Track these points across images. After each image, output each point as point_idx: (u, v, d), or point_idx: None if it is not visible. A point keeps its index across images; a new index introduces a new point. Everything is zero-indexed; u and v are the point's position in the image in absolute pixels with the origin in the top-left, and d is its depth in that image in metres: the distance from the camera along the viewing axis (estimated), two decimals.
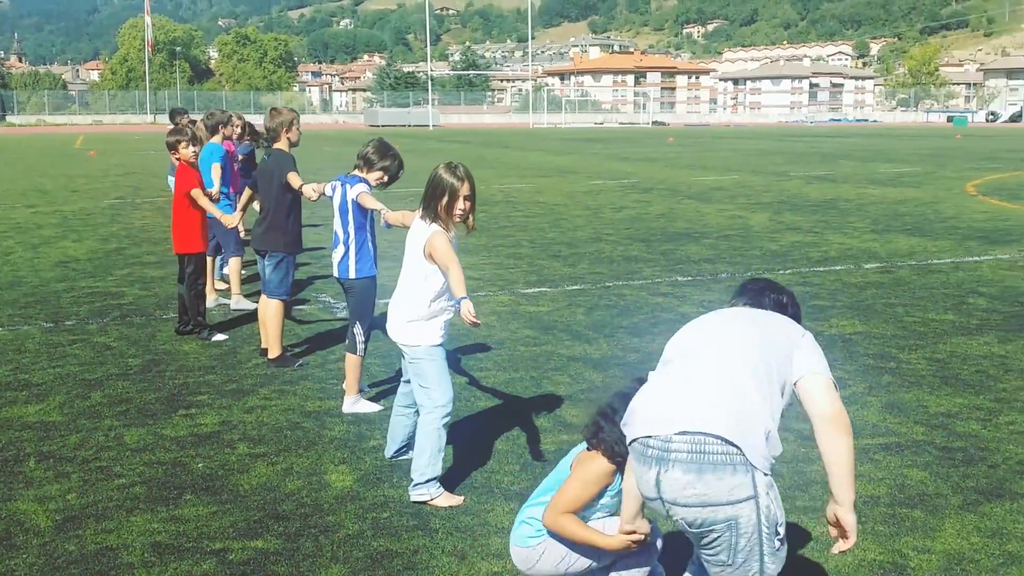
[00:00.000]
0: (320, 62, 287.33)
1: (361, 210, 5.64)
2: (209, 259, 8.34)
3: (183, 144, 7.40)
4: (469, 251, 11.33)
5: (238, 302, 8.52)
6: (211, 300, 8.36)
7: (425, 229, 4.44)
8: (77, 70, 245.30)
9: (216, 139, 8.63)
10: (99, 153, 36.35)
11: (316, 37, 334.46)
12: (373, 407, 5.78)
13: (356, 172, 5.74)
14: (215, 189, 8.16)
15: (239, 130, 9.35)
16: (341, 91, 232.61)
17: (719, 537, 2.70)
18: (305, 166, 7.95)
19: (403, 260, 4.61)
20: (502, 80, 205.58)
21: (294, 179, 6.44)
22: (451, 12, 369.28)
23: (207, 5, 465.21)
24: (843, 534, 2.81)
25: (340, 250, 5.76)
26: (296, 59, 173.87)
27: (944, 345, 7.12)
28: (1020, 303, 8.57)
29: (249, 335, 7.55)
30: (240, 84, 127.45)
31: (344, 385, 5.88)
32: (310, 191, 6.22)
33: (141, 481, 4.67)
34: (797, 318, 3.12)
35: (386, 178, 5.75)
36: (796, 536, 4.00)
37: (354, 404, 5.77)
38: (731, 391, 2.76)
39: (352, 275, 5.75)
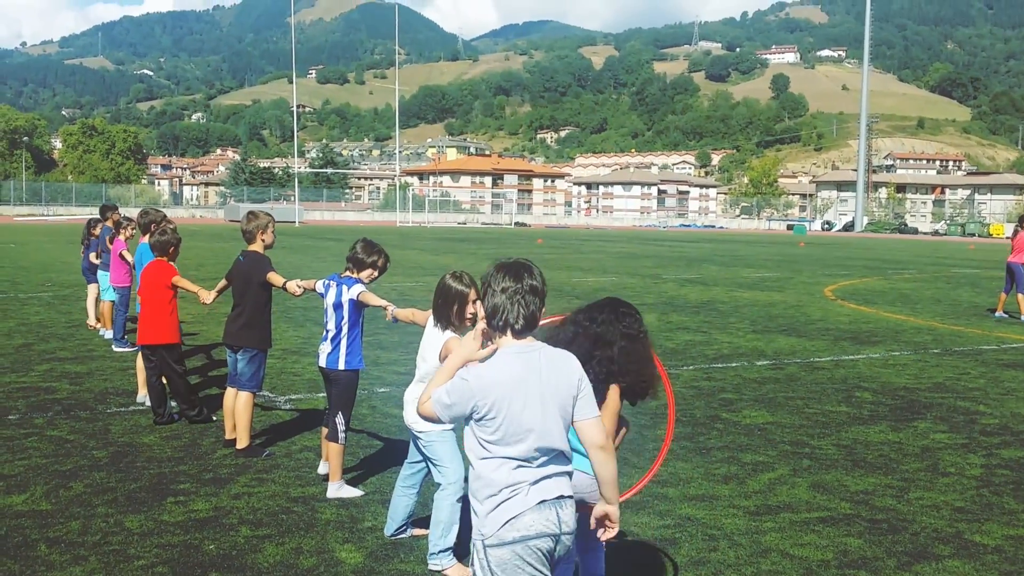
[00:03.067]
0: (170, 155, 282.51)
1: (357, 308, 6.11)
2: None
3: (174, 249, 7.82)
4: (386, 348, 11.80)
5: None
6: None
7: (440, 336, 4.99)
8: None
9: (146, 238, 8.93)
10: None
11: (167, 129, 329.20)
12: (356, 492, 6.17)
13: (348, 273, 6.21)
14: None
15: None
16: (192, 184, 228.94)
17: None
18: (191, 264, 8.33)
19: (416, 356, 5.14)
20: (360, 178, 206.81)
21: (276, 279, 6.85)
22: (308, 110, 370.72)
23: (49, 94, 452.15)
24: (610, 524, 3.53)
25: (330, 343, 6.18)
26: (145, 151, 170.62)
27: (846, 433, 8.03)
28: (900, 396, 9.65)
29: (201, 428, 7.78)
30: (86, 175, 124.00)
31: (319, 470, 6.29)
32: (295, 287, 6.62)
33: (161, 562, 4.94)
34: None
35: (376, 274, 6.26)
36: None
37: (338, 490, 6.14)
38: None
39: (341, 367, 6.17)
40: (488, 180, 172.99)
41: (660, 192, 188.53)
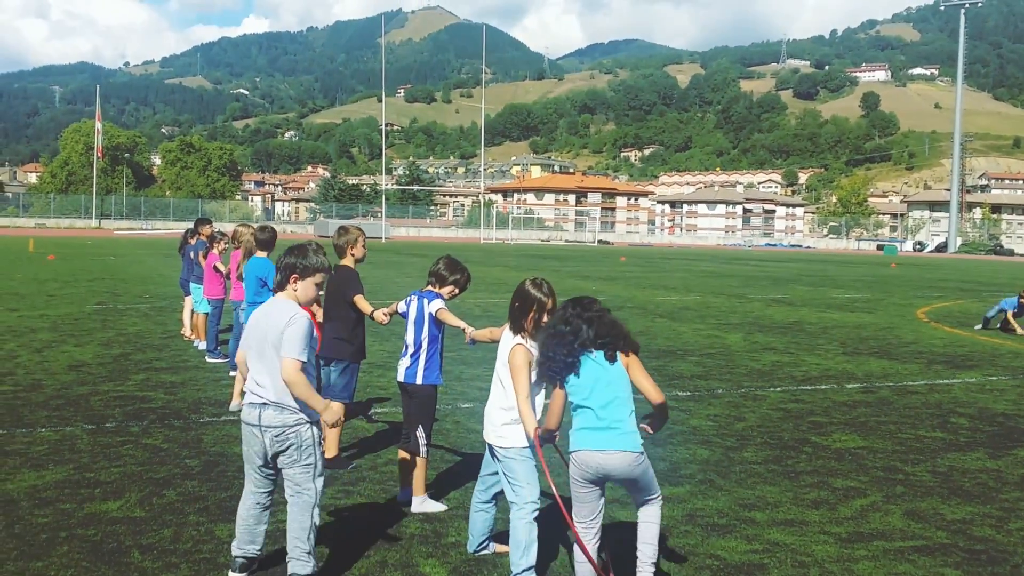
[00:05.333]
0: (263, 171, 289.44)
1: (436, 323, 6.15)
2: None
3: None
4: (470, 364, 11.85)
5: None
6: None
7: (511, 340, 5.01)
8: (15, 172, 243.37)
9: (264, 253, 9.18)
10: (57, 257, 36.29)
11: (260, 147, 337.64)
12: (440, 506, 6.19)
13: (429, 288, 6.27)
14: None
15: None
16: (284, 200, 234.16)
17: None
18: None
19: (495, 367, 5.14)
20: (444, 195, 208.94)
21: (364, 305, 6.93)
22: (396, 128, 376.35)
23: (150, 112, 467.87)
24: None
25: (409, 358, 6.23)
26: (240, 168, 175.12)
27: (942, 460, 7.77)
28: (998, 422, 9.31)
29: None
30: (183, 191, 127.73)
31: (399, 498, 6.32)
32: (382, 316, 6.67)
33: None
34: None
35: (457, 291, 6.31)
36: None
37: (422, 504, 6.17)
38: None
39: (419, 381, 6.20)
40: (572, 198, 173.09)
41: (745, 211, 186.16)
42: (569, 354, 4.54)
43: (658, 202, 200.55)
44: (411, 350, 6.22)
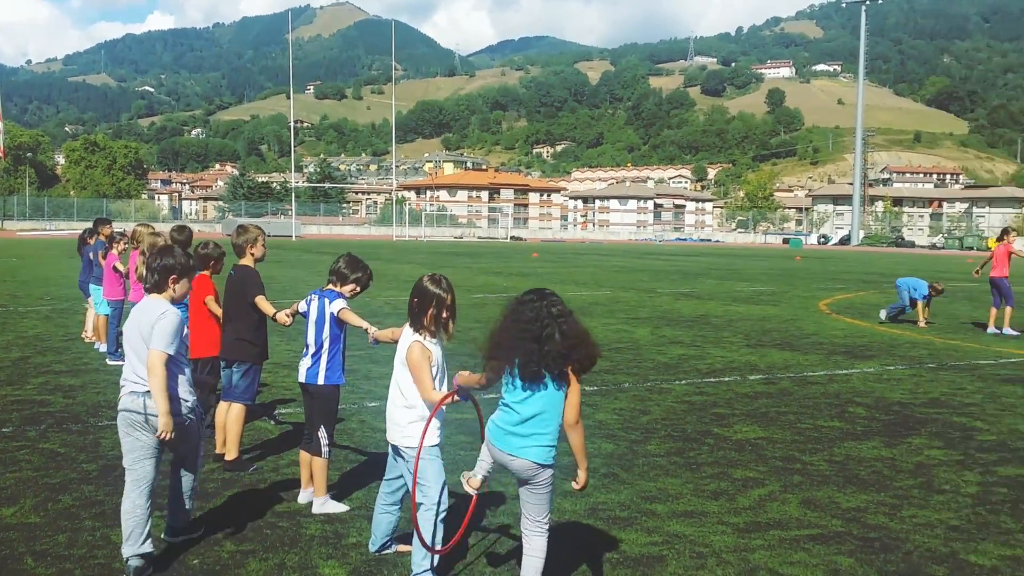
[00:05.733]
0: (170, 170, 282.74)
1: (338, 322, 6.06)
2: None
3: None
4: (378, 362, 11.74)
5: None
6: None
7: (409, 337, 4.97)
8: None
9: None
10: None
11: (167, 145, 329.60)
12: (342, 507, 6.10)
13: (330, 287, 6.17)
14: None
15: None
16: (191, 199, 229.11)
17: None
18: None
19: (394, 366, 5.08)
20: (357, 192, 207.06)
21: (266, 307, 6.79)
22: (306, 125, 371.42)
23: (54, 111, 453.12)
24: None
25: (310, 358, 6.12)
26: (146, 166, 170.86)
27: (839, 449, 7.95)
28: (894, 411, 9.58)
29: None
30: (87, 191, 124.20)
31: (300, 499, 6.21)
32: (284, 317, 6.55)
33: None
34: None
35: (359, 289, 6.22)
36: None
37: (323, 505, 6.07)
38: None
39: (321, 381, 6.10)
40: (484, 194, 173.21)
41: (656, 206, 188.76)
42: (530, 362, 4.29)
43: (570, 198, 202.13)
44: (312, 350, 6.12)
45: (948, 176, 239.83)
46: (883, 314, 18.44)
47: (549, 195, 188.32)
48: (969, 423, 9.07)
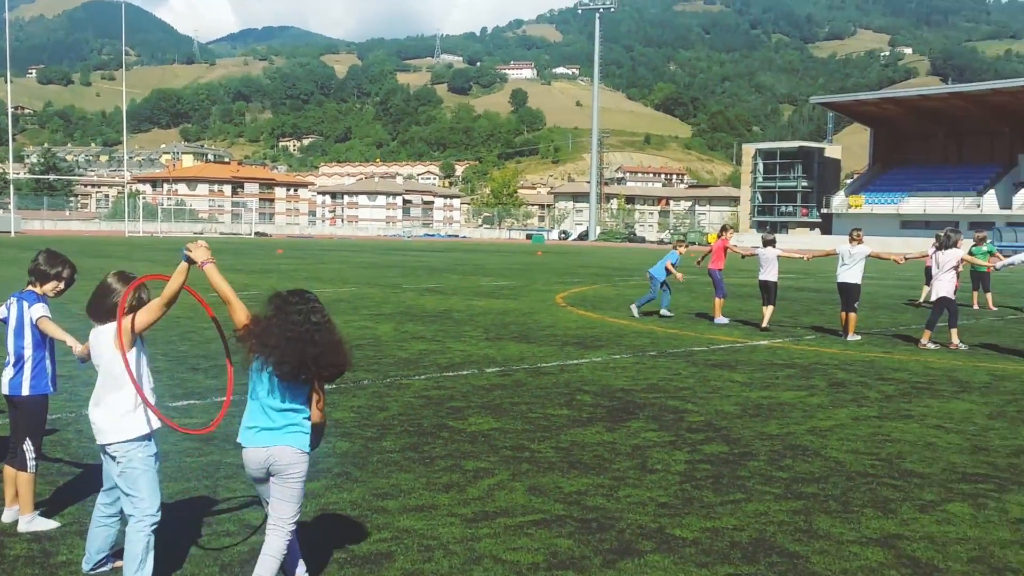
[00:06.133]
0: None
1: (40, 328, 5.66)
2: None
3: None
4: None
5: None
6: None
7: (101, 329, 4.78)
8: None
9: None
10: None
11: None
12: (51, 524, 5.70)
13: (30, 288, 5.75)
14: None
15: None
16: None
17: None
18: None
19: (98, 370, 4.83)
20: (86, 185, 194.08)
21: None
22: (27, 112, 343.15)
23: None
24: None
25: (12, 367, 5.70)
26: None
27: (565, 435, 8.32)
28: (617, 397, 10.15)
29: None
30: None
31: (3, 519, 5.76)
32: None
33: None
34: None
35: (62, 286, 5.82)
36: None
37: (30, 522, 5.65)
38: None
39: (25, 392, 5.70)
40: (227, 188, 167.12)
41: (405, 202, 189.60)
42: (289, 362, 4.36)
43: (319, 193, 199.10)
44: (13, 359, 5.69)
45: (675, 176, 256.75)
46: (635, 309, 19.10)
47: (296, 190, 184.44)
48: (681, 406, 9.76)
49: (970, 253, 19.42)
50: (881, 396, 10.55)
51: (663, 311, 18.86)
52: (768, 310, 17.02)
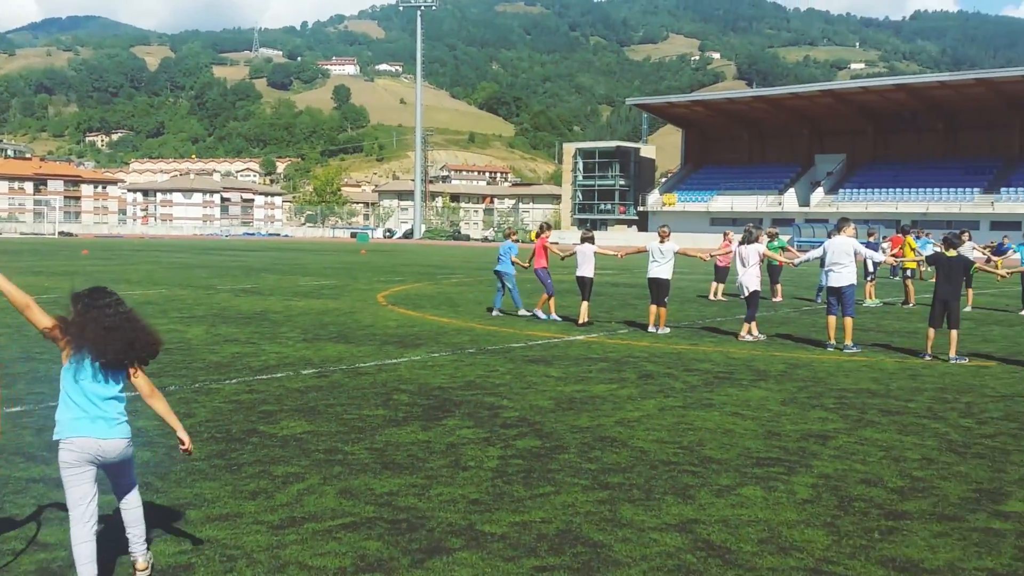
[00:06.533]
0: None
1: None
2: None
3: None
4: None
5: None
6: None
7: None
8: None
9: None
10: None
11: None
12: None
13: None
14: None
15: None
16: None
17: None
18: None
19: None
20: None
21: None
22: None
23: None
24: None
25: None
26: None
27: (380, 436, 8.27)
28: (434, 395, 10.17)
29: None
30: None
31: None
32: None
33: None
34: None
35: None
36: None
37: None
38: None
39: None
40: (29, 186, 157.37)
41: (223, 200, 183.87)
42: (113, 352, 4.61)
43: (129, 190, 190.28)
44: None
45: (499, 175, 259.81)
46: (496, 311, 19.09)
47: (105, 187, 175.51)
48: (497, 402, 9.87)
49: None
50: (686, 386, 11.02)
51: (522, 311, 18.91)
52: (584, 305, 17.47)
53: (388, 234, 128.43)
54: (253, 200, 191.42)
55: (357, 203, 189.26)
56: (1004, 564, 5.34)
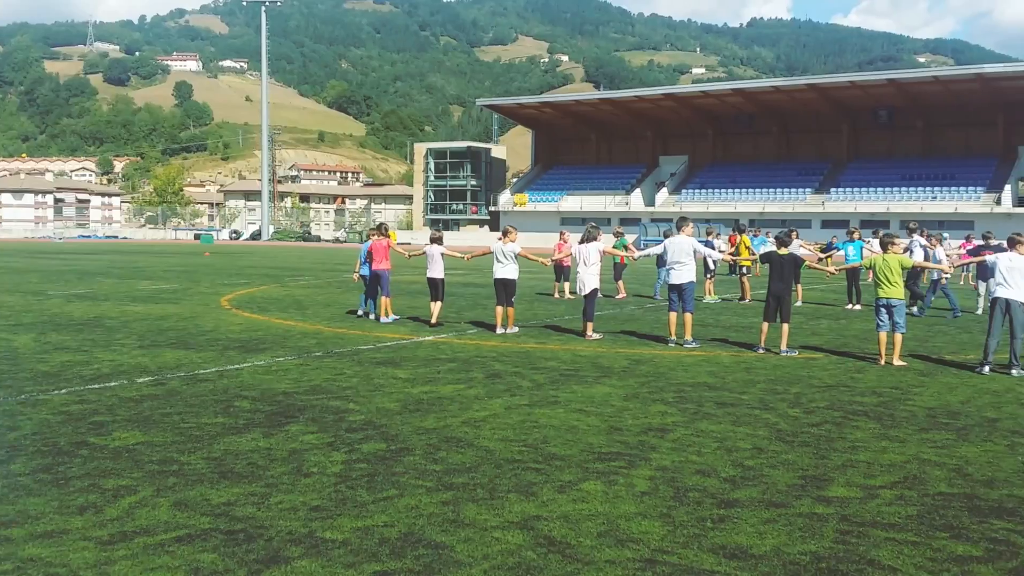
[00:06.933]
0: None
1: None
2: None
3: None
4: None
5: None
6: None
7: None
8: None
9: None
10: None
11: None
12: None
13: None
14: None
15: None
16: None
17: None
18: None
19: None
20: None
21: None
22: None
23: None
24: None
25: None
26: None
27: (218, 444, 8.03)
28: (277, 401, 9.95)
29: None
30: None
31: None
32: None
33: None
34: None
35: None
36: None
37: None
38: None
39: None
40: None
41: (57, 200, 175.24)
42: None
43: None
44: None
45: (350, 174, 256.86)
46: (363, 311, 18.88)
47: None
48: (343, 406, 9.75)
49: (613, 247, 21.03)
50: (533, 385, 11.15)
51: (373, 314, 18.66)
52: (436, 306, 17.44)
53: (234, 235, 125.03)
54: (89, 201, 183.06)
55: (201, 204, 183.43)
56: (825, 547, 5.62)
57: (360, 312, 18.91)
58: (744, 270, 25.75)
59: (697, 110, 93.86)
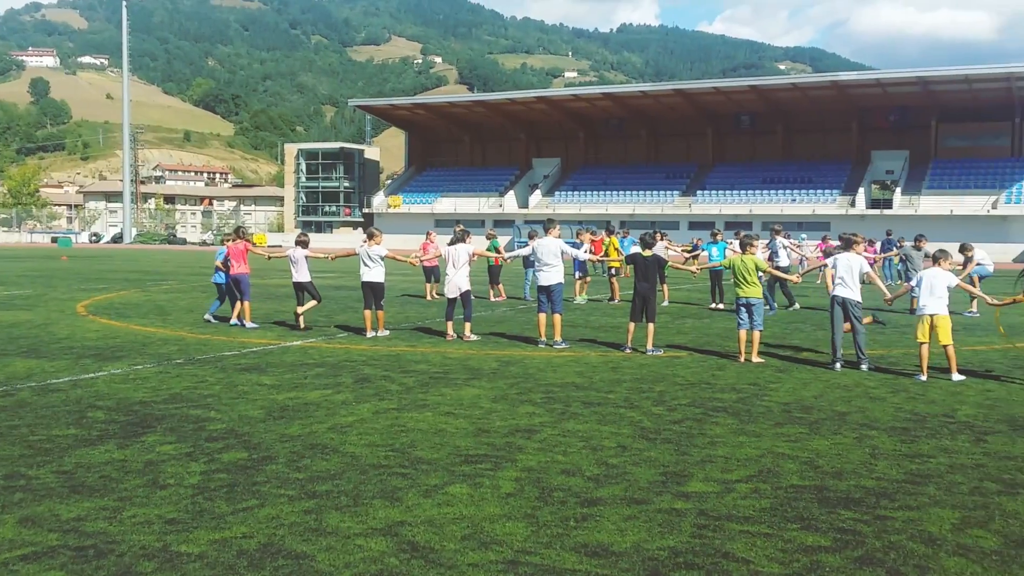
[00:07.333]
0: None
1: None
2: None
3: None
4: None
5: None
6: None
7: None
8: None
9: None
10: None
11: None
12: None
13: None
14: None
15: None
16: None
17: None
18: None
19: None
20: None
21: None
22: None
23: None
24: None
25: None
26: None
27: (70, 457, 7.69)
28: (134, 411, 9.60)
29: None
30: None
31: None
32: None
33: None
34: None
35: None
36: None
37: None
38: None
39: None
40: None
41: None
42: None
43: None
44: None
45: (218, 175, 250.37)
46: (208, 316, 18.33)
47: None
48: (204, 414, 9.48)
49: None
50: (402, 388, 11.09)
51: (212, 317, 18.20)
52: (302, 309, 17.15)
53: (94, 238, 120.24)
54: None
55: (59, 205, 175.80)
56: (683, 541, 5.76)
57: (207, 317, 18.44)
58: (612, 271, 26.22)
59: (569, 113, 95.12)
